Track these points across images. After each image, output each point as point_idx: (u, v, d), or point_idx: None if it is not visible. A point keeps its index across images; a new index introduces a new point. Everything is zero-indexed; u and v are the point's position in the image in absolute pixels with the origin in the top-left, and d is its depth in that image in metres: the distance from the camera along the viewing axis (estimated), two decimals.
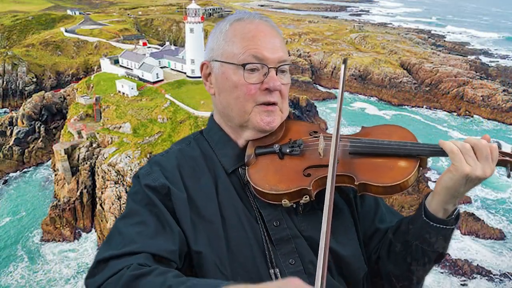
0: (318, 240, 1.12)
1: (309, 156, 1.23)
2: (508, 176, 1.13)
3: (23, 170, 36.96)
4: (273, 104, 1.24)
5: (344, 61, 1.30)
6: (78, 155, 31.60)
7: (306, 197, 1.15)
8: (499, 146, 1.14)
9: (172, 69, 43.87)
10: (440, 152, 1.16)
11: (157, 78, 39.45)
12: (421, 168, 1.19)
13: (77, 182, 30.57)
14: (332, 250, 1.17)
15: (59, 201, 30.00)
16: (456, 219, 1.19)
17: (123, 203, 26.89)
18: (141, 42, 55.48)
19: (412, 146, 1.19)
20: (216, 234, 1.11)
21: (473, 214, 30.09)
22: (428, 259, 1.22)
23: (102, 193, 28.95)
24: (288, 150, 1.24)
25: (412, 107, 53.98)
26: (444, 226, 1.17)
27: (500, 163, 1.13)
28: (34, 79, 52.37)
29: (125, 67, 43.13)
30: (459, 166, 1.08)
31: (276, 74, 1.22)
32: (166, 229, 1.06)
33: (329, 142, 1.21)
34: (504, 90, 52.36)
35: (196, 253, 1.09)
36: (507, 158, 1.13)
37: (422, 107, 53.81)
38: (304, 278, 1.12)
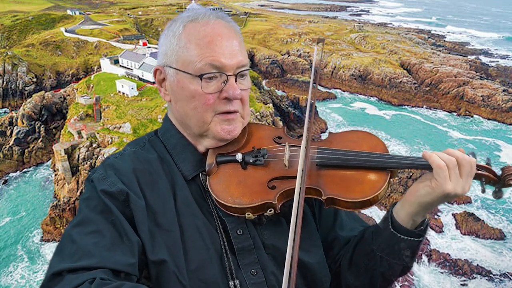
0: (281, 249, 1.10)
1: (274, 167, 1.16)
2: (483, 191, 1.07)
3: (23, 170, 36.91)
4: (234, 112, 1.17)
5: (320, 41, 1.21)
6: (78, 155, 31.59)
7: (271, 210, 1.09)
8: (475, 158, 1.07)
9: None
10: (414, 165, 1.09)
11: None
12: (391, 180, 1.13)
13: (77, 182, 30.56)
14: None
15: (59, 201, 29.98)
16: (424, 230, 1.12)
17: None
18: (141, 42, 55.44)
19: (384, 158, 1.12)
20: (174, 244, 1.05)
21: (473, 214, 30.07)
22: (393, 271, 1.15)
23: None
24: (251, 160, 1.16)
25: (412, 107, 53.90)
26: (412, 238, 1.11)
27: (474, 177, 1.07)
28: (34, 79, 52.31)
29: (125, 67, 43.11)
30: (442, 183, 1.02)
31: (236, 81, 1.14)
32: (124, 239, 0.99)
33: (295, 154, 1.15)
34: (504, 90, 52.29)
35: (153, 263, 1.02)
36: (482, 172, 1.08)
37: (422, 107, 53.75)
38: None
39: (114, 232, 0.99)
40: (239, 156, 1.17)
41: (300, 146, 1.13)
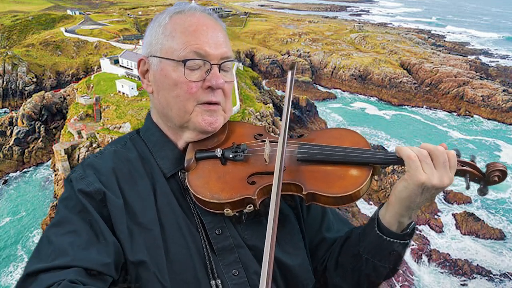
0: (263, 249, 1.07)
1: (253, 162, 1.15)
2: (467, 187, 1.06)
3: (23, 170, 36.90)
4: (216, 103, 1.15)
5: (292, 67, 1.18)
6: (78, 155, 31.59)
7: (250, 206, 1.07)
8: (458, 155, 1.07)
9: None
10: (395, 160, 1.08)
11: None
12: (374, 177, 1.11)
13: None
14: (277, 261, 1.10)
15: None
16: (411, 234, 1.11)
17: None
18: (141, 42, 55.38)
19: (366, 153, 1.11)
20: (154, 243, 1.03)
21: (473, 214, 30.08)
22: (378, 274, 1.15)
23: None
24: (231, 155, 1.15)
25: (412, 107, 53.95)
26: (398, 241, 1.09)
27: (458, 173, 1.06)
28: (34, 79, 52.30)
29: (125, 67, 43.13)
30: (415, 173, 1.02)
31: (219, 71, 1.14)
32: (100, 239, 0.98)
33: (276, 148, 1.12)
34: (504, 90, 52.34)
35: (132, 263, 1.01)
36: (466, 168, 1.07)
37: (422, 107, 53.80)
38: None
39: (90, 231, 0.99)
40: (218, 152, 1.15)
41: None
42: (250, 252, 1.11)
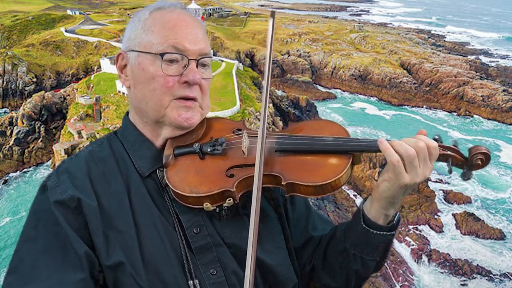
0: (242, 247, 1.06)
1: (232, 155, 1.15)
2: (450, 171, 1.05)
3: (23, 170, 36.90)
4: (192, 99, 1.14)
5: (272, 15, 1.14)
6: None
7: (230, 199, 1.06)
8: (440, 140, 1.06)
9: None
10: (375, 148, 1.07)
11: None
12: (354, 165, 1.11)
13: None
14: (257, 259, 1.05)
15: None
16: (397, 224, 1.12)
17: None
18: None
19: (344, 142, 1.10)
20: (130, 244, 1.02)
21: (473, 214, 30.07)
22: (366, 268, 1.15)
23: None
24: (209, 150, 1.15)
25: (412, 107, 53.98)
26: (385, 233, 1.10)
27: (440, 158, 1.05)
28: (34, 79, 52.33)
29: None
30: (399, 177, 1.01)
31: (197, 67, 1.14)
32: (71, 255, 0.98)
33: (253, 140, 1.12)
34: (504, 90, 52.36)
35: (109, 267, 1.00)
36: (448, 152, 1.06)
37: (422, 107, 53.82)
38: None
39: (64, 248, 0.98)
40: (196, 146, 1.15)
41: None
42: (229, 251, 1.10)
